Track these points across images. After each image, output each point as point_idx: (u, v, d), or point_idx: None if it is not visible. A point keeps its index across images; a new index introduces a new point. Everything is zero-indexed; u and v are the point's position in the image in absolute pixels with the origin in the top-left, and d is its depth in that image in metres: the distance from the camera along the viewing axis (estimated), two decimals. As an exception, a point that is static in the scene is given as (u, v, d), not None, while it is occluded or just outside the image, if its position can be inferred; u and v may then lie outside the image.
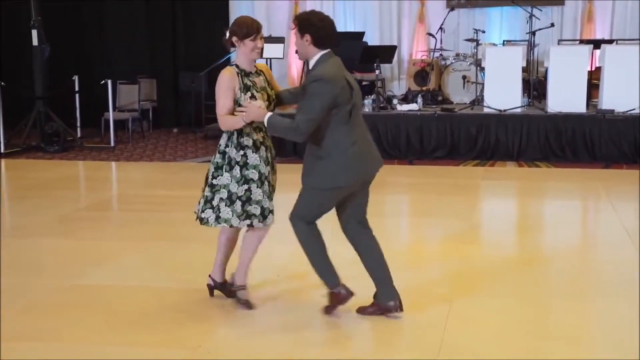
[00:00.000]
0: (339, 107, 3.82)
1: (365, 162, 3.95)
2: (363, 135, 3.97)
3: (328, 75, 3.80)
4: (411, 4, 12.69)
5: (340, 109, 3.82)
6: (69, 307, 4.40)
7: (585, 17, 11.97)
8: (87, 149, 10.86)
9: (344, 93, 3.85)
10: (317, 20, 3.92)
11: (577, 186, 8.22)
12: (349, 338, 4.00)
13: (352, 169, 3.88)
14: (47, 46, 10.95)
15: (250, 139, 4.07)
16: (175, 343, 3.86)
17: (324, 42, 3.91)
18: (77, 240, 5.96)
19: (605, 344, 3.88)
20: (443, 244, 5.89)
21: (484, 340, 3.87)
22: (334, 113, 3.81)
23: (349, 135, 3.87)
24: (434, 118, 9.80)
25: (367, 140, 4.01)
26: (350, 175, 3.89)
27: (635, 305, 4.31)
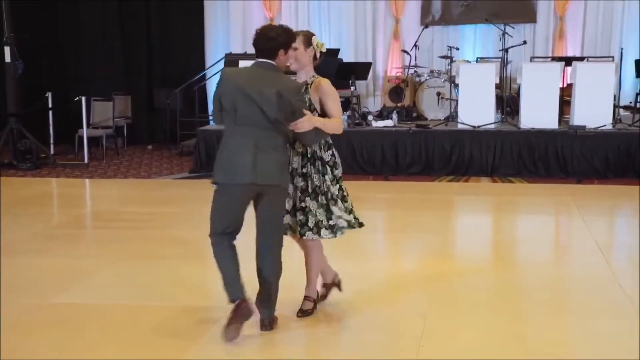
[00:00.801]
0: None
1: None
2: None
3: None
4: (386, 21, 12.83)
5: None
6: (43, 325, 4.39)
7: (556, 35, 12.19)
8: (61, 166, 10.77)
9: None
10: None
11: (550, 201, 8.31)
12: (324, 351, 4.02)
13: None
14: (20, 63, 10.88)
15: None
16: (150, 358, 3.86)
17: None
18: (52, 258, 5.91)
19: (580, 355, 3.94)
20: (418, 259, 5.91)
21: (459, 354, 3.91)
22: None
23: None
24: (408, 134, 9.87)
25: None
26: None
27: (607, 319, 4.39)
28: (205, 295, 4.86)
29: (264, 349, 4.05)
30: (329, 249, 4.62)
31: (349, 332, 4.27)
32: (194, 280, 5.09)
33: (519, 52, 11.29)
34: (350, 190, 4.46)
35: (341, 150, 9.94)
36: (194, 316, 4.45)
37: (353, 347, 4.08)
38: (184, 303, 4.73)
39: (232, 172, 3.92)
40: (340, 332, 4.25)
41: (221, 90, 3.97)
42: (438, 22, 12.59)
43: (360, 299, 4.75)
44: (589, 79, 9.63)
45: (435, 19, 12.61)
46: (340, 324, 4.38)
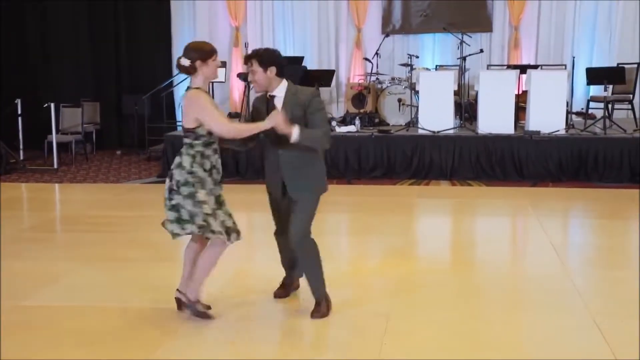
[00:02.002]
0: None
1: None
2: None
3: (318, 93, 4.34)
4: (348, 30, 13.03)
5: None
6: (14, 328, 4.39)
7: (512, 44, 12.46)
8: (30, 171, 10.79)
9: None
10: (278, 55, 4.32)
11: (507, 203, 8.43)
12: (287, 350, 4.08)
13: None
14: (-12, 69, 10.93)
15: (208, 163, 4.29)
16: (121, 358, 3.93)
17: (284, 72, 4.32)
18: (22, 261, 5.90)
19: (537, 352, 4.04)
20: (381, 260, 5.98)
21: (421, 353, 3.98)
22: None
23: None
24: (371, 139, 10.03)
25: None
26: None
27: (562, 315, 4.55)
28: (172, 297, 4.85)
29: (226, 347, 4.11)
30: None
31: (312, 331, 4.33)
32: (162, 282, 5.09)
33: (476, 60, 11.52)
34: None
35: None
36: (162, 317, 4.49)
37: (316, 346, 4.14)
38: (153, 304, 4.75)
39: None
40: (303, 331, 4.28)
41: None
42: (398, 31, 12.82)
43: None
44: (543, 86, 9.81)
45: (396, 28, 12.85)
46: (303, 323, 4.42)
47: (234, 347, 4.13)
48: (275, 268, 4.95)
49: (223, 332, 4.30)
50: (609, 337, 4.18)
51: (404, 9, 12.80)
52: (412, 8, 12.75)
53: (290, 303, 4.79)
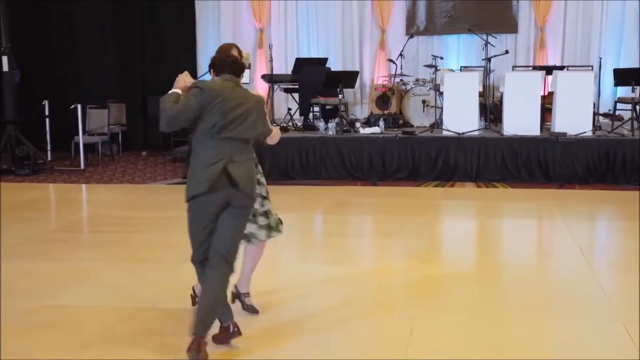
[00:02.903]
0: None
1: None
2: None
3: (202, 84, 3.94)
4: (372, 31, 13.03)
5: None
6: (42, 328, 4.43)
7: (537, 45, 12.40)
8: (58, 171, 10.91)
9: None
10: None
11: (533, 205, 8.39)
12: (314, 352, 4.06)
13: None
14: (17, 71, 11.06)
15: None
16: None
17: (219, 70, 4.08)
18: (49, 262, 5.96)
19: (563, 356, 4.01)
20: (405, 263, 5.95)
21: (446, 355, 3.98)
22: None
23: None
24: (395, 141, 10.02)
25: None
26: None
27: (590, 319, 4.52)
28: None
29: (253, 350, 4.11)
30: (318, 252, 4.68)
31: (338, 334, 4.33)
32: (188, 284, 5.02)
33: (501, 61, 11.43)
34: (339, 195, 4.62)
35: (330, 157, 10.27)
36: (187, 318, 4.40)
37: (342, 348, 4.15)
38: (178, 305, 4.74)
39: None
40: (329, 334, 4.29)
41: (204, 101, 3.83)
42: (423, 32, 12.80)
43: (349, 301, 4.83)
44: (569, 87, 9.74)
45: (420, 29, 12.83)
46: (330, 326, 4.42)
47: (257, 347, 4.14)
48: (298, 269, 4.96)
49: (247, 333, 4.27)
50: (637, 341, 4.14)
51: (428, 10, 12.78)
52: (436, 9, 12.72)
53: (312, 303, 4.81)
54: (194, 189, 3.84)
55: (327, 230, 7.55)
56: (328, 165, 10.01)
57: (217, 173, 3.79)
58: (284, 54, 13.10)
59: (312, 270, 4.60)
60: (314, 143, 10.09)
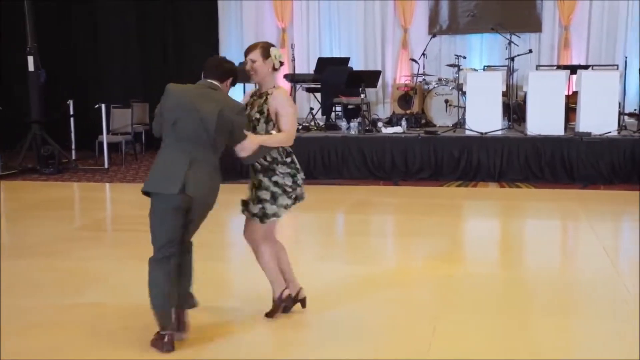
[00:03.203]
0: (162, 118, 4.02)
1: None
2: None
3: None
4: (395, 30, 13.03)
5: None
6: (66, 325, 4.46)
7: (562, 44, 12.33)
8: (82, 170, 11.01)
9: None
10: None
11: (557, 206, 8.35)
12: (337, 351, 4.07)
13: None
14: (42, 71, 11.16)
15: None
16: (169, 358, 3.95)
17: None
18: (73, 260, 6.01)
19: (585, 356, 3.99)
20: (428, 263, 5.94)
21: (468, 355, 3.98)
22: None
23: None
24: (417, 140, 10.00)
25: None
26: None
27: (614, 321, 4.48)
28: (219, 295, 4.97)
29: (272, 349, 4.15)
30: (340, 252, 4.67)
31: (361, 332, 4.33)
32: (211, 282, 5.13)
33: (524, 60, 11.40)
34: (360, 195, 4.61)
35: (352, 157, 10.25)
36: (209, 315, 4.52)
37: (365, 346, 4.15)
38: (203, 304, 4.65)
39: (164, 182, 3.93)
40: (352, 332, 4.29)
41: (164, 104, 4.03)
42: (445, 31, 12.79)
43: (372, 300, 4.84)
44: (594, 86, 9.69)
45: (443, 28, 12.81)
46: (353, 325, 4.43)
47: (277, 346, 4.17)
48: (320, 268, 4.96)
49: (270, 333, 4.33)
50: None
51: (451, 9, 12.75)
52: (459, 8, 12.68)
53: (333, 303, 4.80)
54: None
55: (348, 230, 7.55)
56: (350, 165, 10.02)
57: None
58: (306, 54, 13.12)
59: (333, 270, 4.60)
60: (336, 143, 10.09)
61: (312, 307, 4.64)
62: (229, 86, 4.19)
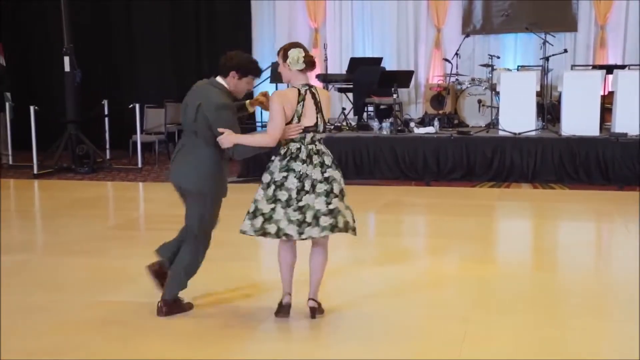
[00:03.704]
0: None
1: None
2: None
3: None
4: (428, 30, 12.98)
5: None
6: (99, 323, 4.50)
7: (597, 43, 12.18)
8: (116, 170, 11.14)
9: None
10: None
11: (591, 207, 8.27)
12: (367, 352, 4.07)
13: None
14: (78, 72, 11.31)
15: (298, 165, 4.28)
16: (201, 357, 3.98)
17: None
18: (107, 258, 6.06)
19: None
20: (460, 264, 5.92)
21: (500, 357, 3.94)
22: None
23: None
24: (450, 141, 9.96)
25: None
26: None
27: None
28: (251, 295, 4.99)
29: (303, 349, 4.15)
30: (371, 252, 4.67)
31: (392, 333, 4.31)
32: (242, 281, 5.16)
33: (559, 60, 11.29)
34: (392, 195, 4.60)
35: (384, 157, 10.21)
36: (241, 315, 4.55)
37: (397, 347, 4.14)
38: (231, 302, 4.82)
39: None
40: (383, 333, 4.28)
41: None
42: (479, 31, 12.71)
43: (403, 301, 4.83)
44: (630, 86, 9.57)
45: (476, 28, 12.73)
46: (384, 326, 4.42)
47: (310, 348, 4.16)
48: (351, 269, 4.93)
49: (303, 332, 4.34)
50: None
51: (485, 9, 12.66)
52: (493, 8, 12.59)
53: (364, 303, 4.80)
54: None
55: (380, 230, 7.53)
56: (382, 165, 10.00)
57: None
58: (338, 54, 13.12)
59: (365, 271, 4.60)
60: (367, 143, 10.08)
61: (343, 308, 4.64)
62: (236, 78, 4.42)
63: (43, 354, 4.04)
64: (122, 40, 13.82)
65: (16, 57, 13.53)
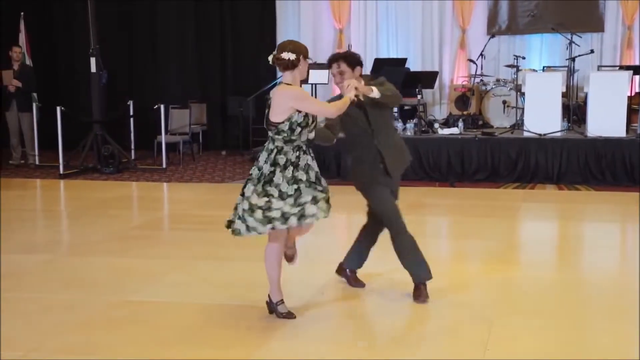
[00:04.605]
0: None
1: None
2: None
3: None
4: (453, 31, 12.91)
5: None
6: (121, 322, 4.52)
7: (625, 44, 12.03)
8: (141, 170, 11.21)
9: None
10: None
11: (617, 209, 8.20)
12: (391, 353, 4.08)
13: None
14: (104, 72, 11.41)
15: (284, 158, 4.30)
16: (223, 357, 3.99)
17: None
18: (130, 258, 6.09)
19: None
20: (484, 265, 5.89)
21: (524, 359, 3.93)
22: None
23: None
24: (474, 142, 9.92)
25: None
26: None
27: None
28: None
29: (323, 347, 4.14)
30: (393, 253, 4.69)
31: (416, 334, 4.32)
32: (263, 281, 5.18)
33: (585, 61, 11.18)
34: (416, 196, 4.62)
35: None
36: (263, 316, 4.55)
37: (421, 348, 4.13)
38: (254, 303, 4.78)
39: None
40: (406, 334, 4.27)
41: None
42: (504, 31, 12.61)
43: (427, 303, 4.79)
44: (657, 87, 9.57)
45: (502, 28, 12.63)
46: (407, 327, 4.42)
47: (329, 347, 4.16)
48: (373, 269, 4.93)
49: (319, 332, 4.33)
50: None
51: (511, 9, 12.57)
52: (519, 8, 12.49)
53: (388, 305, 4.79)
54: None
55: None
56: (406, 166, 9.95)
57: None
58: (363, 54, 12.84)
59: (387, 272, 4.58)
60: (391, 144, 10.04)
61: (367, 309, 4.66)
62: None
63: (67, 353, 4.06)
64: (147, 41, 13.90)
65: (43, 58, 13.67)
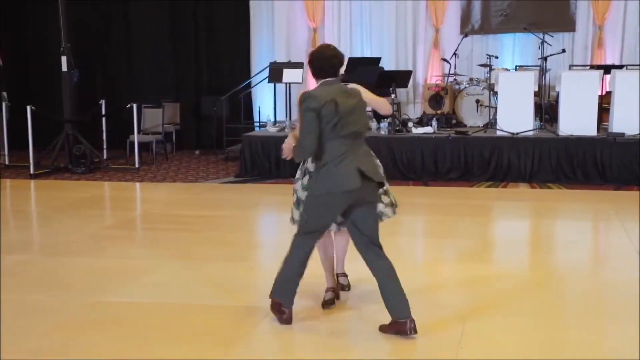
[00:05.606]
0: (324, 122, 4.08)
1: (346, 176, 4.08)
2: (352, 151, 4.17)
3: (308, 94, 4.21)
4: (426, 30, 12.96)
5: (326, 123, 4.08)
6: (96, 323, 4.50)
7: (595, 43, 12.17)
8: (113, 170, 11.11)
9: (327, 108, 4.11)
10: (314, 55, 4.50)
11: (588, 207, 8.27)
12: (362, 352, 4.08)
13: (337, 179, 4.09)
14: (75, 72, 11.29)
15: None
16: (201, 357, 3.97)
17: (319, 74, 4.44)
18: (104, 258, 6.04)
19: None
20: (457, 264, 5.93)
21: (497, 357, 3.94)
22: (323, 127, 4.08)
23: (337, 148, 4.13)
24: (448, 141, 9.96)
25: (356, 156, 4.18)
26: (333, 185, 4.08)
27: None
28: (249, 296, 4.96)
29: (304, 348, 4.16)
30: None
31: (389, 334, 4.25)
32: (239, 282, 5.15)
33: (557, 60, 11.32)
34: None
35: (382, 157, 10.16)
36: (238, 316, 4.54)
37: (393, 348, 4.12)
38: (229, 303, 4.81)
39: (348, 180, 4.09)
40: (380, 334, 4.24)
41: (313, 106, 4.10)
42: (477, 31, 12.70)
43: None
44: (628, 86, 9.59)
45: (475, 28, 12.72)
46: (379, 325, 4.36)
47: (315, 348, 4.16)
48: (349, 268, 4.92)
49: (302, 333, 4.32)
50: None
51: (484, 9, 12.66)
52: (492, 8, 12.58)
53: (361, 302, 4.80)
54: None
55: (377, 230, 7.51)
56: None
57: (355, 170, 4.07)
58: (337, 54, 13.07)
59: (361, 270, 4.59)
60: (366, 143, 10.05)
61: (339, 309, 4.65)
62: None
63: (43, 354, 4.03)
64: (120, 39, 13.81)
65: (13, 57, 13.51)
